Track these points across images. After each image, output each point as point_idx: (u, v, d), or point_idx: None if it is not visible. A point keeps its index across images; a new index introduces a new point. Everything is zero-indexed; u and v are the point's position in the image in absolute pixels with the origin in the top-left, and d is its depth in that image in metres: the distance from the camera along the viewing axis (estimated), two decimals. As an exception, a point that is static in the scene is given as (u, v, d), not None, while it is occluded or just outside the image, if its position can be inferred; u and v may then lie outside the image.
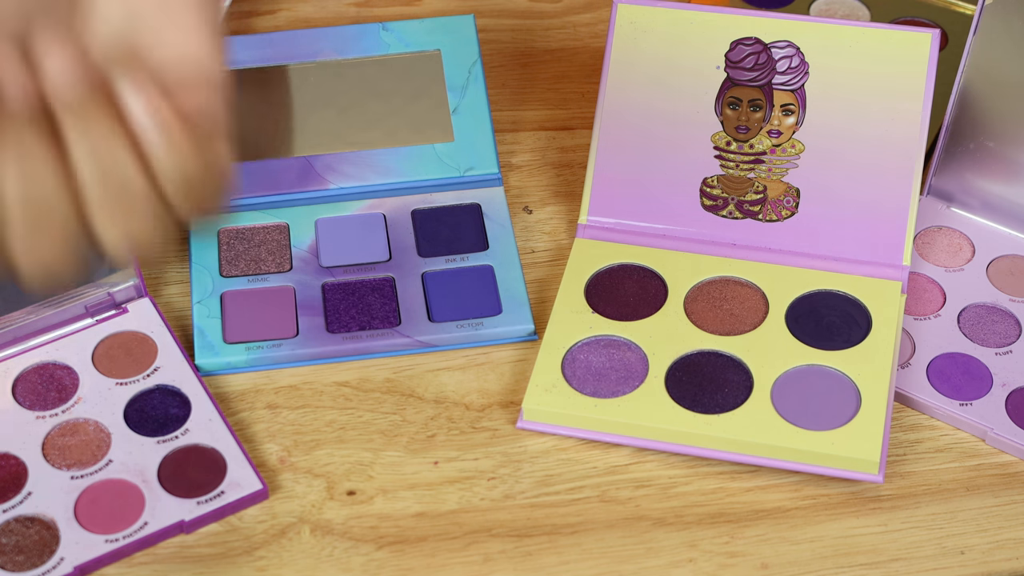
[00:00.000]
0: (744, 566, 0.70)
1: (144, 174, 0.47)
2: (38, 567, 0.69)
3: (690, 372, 0.76)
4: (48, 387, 0.76)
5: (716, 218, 0.82)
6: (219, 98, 0.50)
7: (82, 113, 0.46)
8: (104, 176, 0.47)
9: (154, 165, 0.47)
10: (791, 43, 0.81)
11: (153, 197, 0.48)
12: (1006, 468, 0.75)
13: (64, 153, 0.47)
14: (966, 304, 0.81)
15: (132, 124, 0.47)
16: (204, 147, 0.48)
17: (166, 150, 0.47)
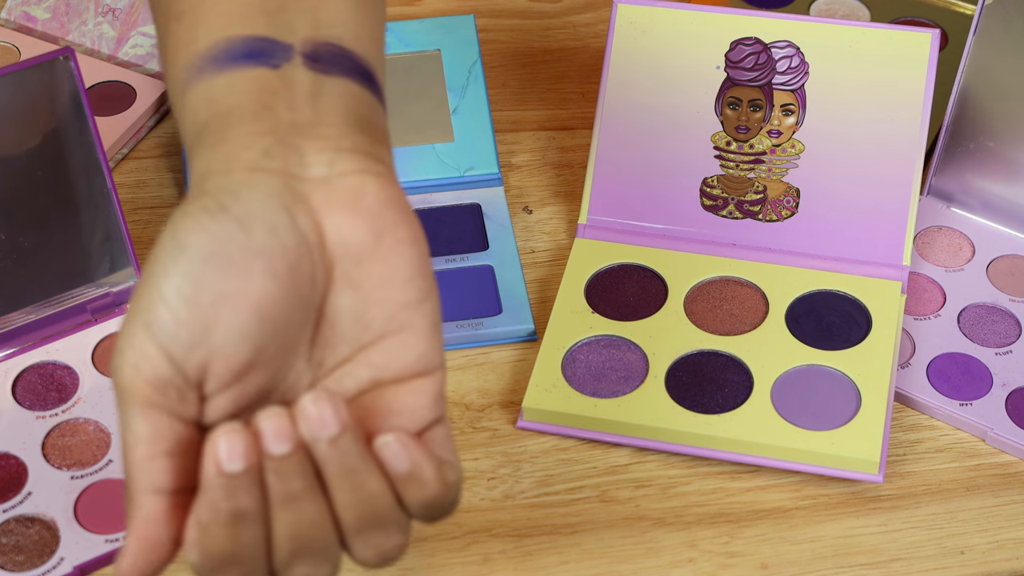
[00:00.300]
0: (744, 566, 0.70)
1: (396, 501, 0.51)
2: (38, 567, 0.69)
3: (690, 372, 0.76)
4: (48, 387, 0.76)
5: (716, 218, 0.82)
6: (444, 402, 0.54)
7: (344, 455, 0.50)
8: (360, 506, 0.51)
9: (403, 495, 0.51)
10: (791, 43, 0.81)
11: (400, 516, 0.52)
12: (1006, 468, 0.75)
13: (325, 486, 0.50)
14: (966, 304, 0.81)
15: (385, 464, 0.51)
16: (443, 470, 0.52)
17: (415, 484, 0.51)
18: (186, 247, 0.50)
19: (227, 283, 0.49)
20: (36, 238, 0.75)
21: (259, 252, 0.50)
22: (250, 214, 0.50)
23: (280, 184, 0.51)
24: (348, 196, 0.52)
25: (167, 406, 0.50)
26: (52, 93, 0.72)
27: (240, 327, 0.50)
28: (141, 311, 0.50)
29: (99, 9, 0.96)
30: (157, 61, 0.94)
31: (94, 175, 0.75)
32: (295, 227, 0.51)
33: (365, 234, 0.51)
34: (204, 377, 0.50)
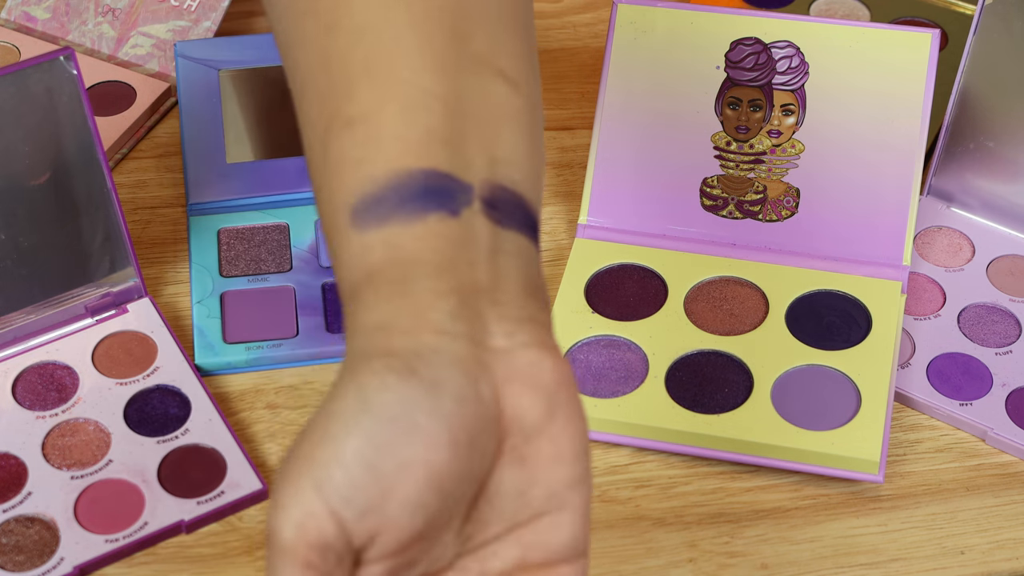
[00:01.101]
0: (744, 566, 0.70)
1: None
2: (38, 567, 0.69)
3: (690, 372, 0.76)
4: (48, 387, 0.76)
5: (716, 218, 0.82)
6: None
7: None
8: None
9: None
10: (791, 43, 0.81)
11: None
12: (1006, 468, 0.75)
13: None
14: (966, 304, 0.81)
15: None
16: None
17: None
18: (372, 406, 0.47)
19: (410, 450, 0.47)
20: (36, 238, 0.75)
21: (445, 420, 0.48)
22: (439, 380, 0.48)
23: (467, 351, 0.49)
24: (527, 371, 0.50)
25: (324, 570, 0.48)
26: (52, 93, 0.72)
27: (417, 497, 0.48)
28: (313, 468, 0.47)
29: (99, 9, 0.96)
30: (157, 61, 0.94)
31: (94, 175, 0.75)
32: (479, 398, 0.49)
33: (540, 410, 0.50)
34: (370, 545, 0.48)
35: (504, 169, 0.53)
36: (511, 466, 0.50)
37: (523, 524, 0.51)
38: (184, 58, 0.88)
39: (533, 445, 0.50)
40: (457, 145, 0.52)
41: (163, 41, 0.95)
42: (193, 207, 0.85)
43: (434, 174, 0.51)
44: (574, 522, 0.51)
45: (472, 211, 0.51)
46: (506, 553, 0.51)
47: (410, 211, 0.51)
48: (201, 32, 0.94)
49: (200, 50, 0.89)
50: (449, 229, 0.51)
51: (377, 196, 0.51)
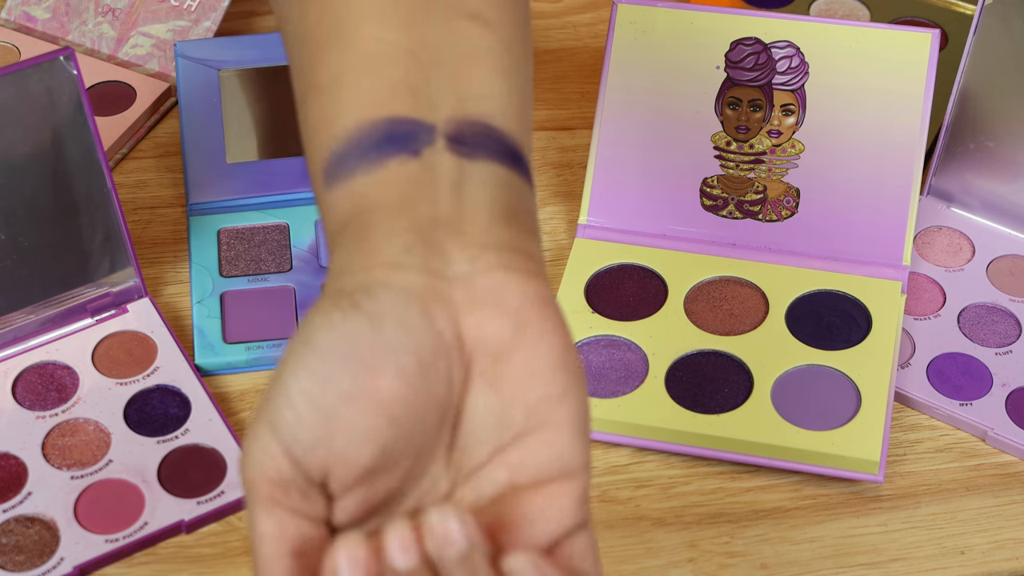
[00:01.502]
0: (744, 566, 0.70)
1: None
2: (38, 567, 0.69)
3: (690, 372, 0.76)
4: (48, 387, 0.76)
5: (716, 218, 0.82)
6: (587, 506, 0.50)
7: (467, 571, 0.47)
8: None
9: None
10: (791, 43, 0.81)
11: None
12: (1006, 468, 0.75)
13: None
14: (966, 304, 0.81)
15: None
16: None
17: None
18: (314, 346, 0.48)
19: (353, 383, 0.48)
20: (36, 238, 0.75)
21: (389, 352, 0.48)
22: (382, 312, 0.48)
23: (419, 282, 0.49)
24: (490, 294, 0.50)
25: (291, 505, 0.48)
26: (52, 93, 0.72)
27: (364, 428, 0.48)
28: (268, 410, 0.48)
29: (99, 9, 0.96)
30: (157, 61, 0.94)
31: (94, 175, 0.75)
32: (430, 326, 0.49)
33: (505, 330, 0.49)
34: (327, 477, 0.48)
35: (474, 105, 0.53)
36: (484, 390, 0.50)
37: (507, 446, 0.50)
38: (184, 58, 0.88)
39: (503, 365, 0.49)
40: (422, 90, 0.52)
41: (163, 41, 0.95)
42: (193, 207, 0.85)
43: (395, 120, 0.52)
44: (560, 438, 0.50)
45: (435, 149, 0.51)
46: (496, 476, 0.50)
47: (371, 160, 0.51)
48: (201, 32, 0.94)
49: (200, 50, 0.89)
50: (409, 170, 0.51)
51: (342, 153, 0.52)
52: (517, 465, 0.50)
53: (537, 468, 0.50)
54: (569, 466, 0.50)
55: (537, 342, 0.50)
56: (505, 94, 0.54)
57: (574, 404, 0.50)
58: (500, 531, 0.50)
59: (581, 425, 0.50)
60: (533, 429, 0.50)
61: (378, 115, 0.52)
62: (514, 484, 0.50)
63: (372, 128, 0.52)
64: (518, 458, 0.50)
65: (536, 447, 0.50)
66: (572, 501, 0.50)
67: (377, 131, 0.52)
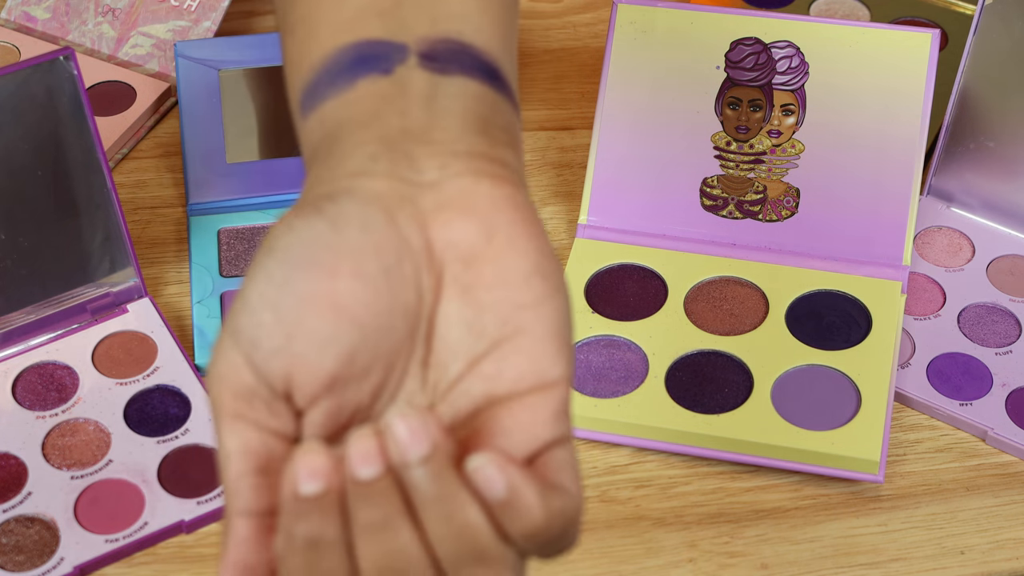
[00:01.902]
0: (744, 566, 0.70)
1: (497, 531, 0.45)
2: (38, 567, 0.69)
3: (690, 372, 0.76)
4: (48, 387, 0.76)
5: (716, 218, 0.82)
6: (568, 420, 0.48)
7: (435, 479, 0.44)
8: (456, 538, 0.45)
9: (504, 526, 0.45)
10: (791, 43, 0.81)
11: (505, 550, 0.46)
12: (1006, 468, 0.75)
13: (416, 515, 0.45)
14: (966, 304, 0.81)
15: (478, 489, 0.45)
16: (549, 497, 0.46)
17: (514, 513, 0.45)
18: (273, 250, 0.47)
19: (311, 285, 0.46)
20: (36, 238, 0.75)
21: (348, 252, 0.46)
22: (343, 215, 0.47)
23: (384, 187, 0.47)
24: (458, 197, 0.48)
25: (255, 419, 0.46)
26: (52, 93, 0.72)
27: (325, 331, 0.46)
28: (230, 319, 0.47)
29: (99, 9, 0.96)
30: (157, 61, 0.94)
31: (94, 175, 0.75)
32: (393, 227, 0.47)
33: (475, 233, 0.47)
34: (290, 387, 0.46)
35: (447, 24, 0.52)
36: (455, 297, 0.48)
37: (481, 356, 0.48)
38: (184, 58, 0.88)
39: (474, 271, 0.47)
40: (393, 13, 0.51)
41: (163, 41, 0.95)
42: (193, 207, 0.85)
43: (365, 43, 0.51)
44: (536, 346, 0.47)
45: (407, 67, 0.50)
46: (472, 390, 0.48)
47: (341, 84, 0.50)
48: (201, 32, 0.94)
49: (200, 50, 0.89)
50: (379, 87, 0.50)
51: (314, 81, 0.51)
52: (493, 375, 0.47)
53: (513, 378, 0.47)
54: (547, 376, 0.47)
55: (509, 246, 0.47)
56: (482, 12, 0.52)
57: (551, 311, 0.47)
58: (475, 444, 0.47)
59: (559, 334, 0.48)
60: (507, 338, 0.47)
61: (347, 40, 0.51)
62: (490, 396, 0.47)
63: (341, 53, 0.51)
64: (494, 368, 0.47)
65: (512, 356, 0.47)
66: (550, 413, 0.47)
67: (346, 55, 0.51)
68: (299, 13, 0.53)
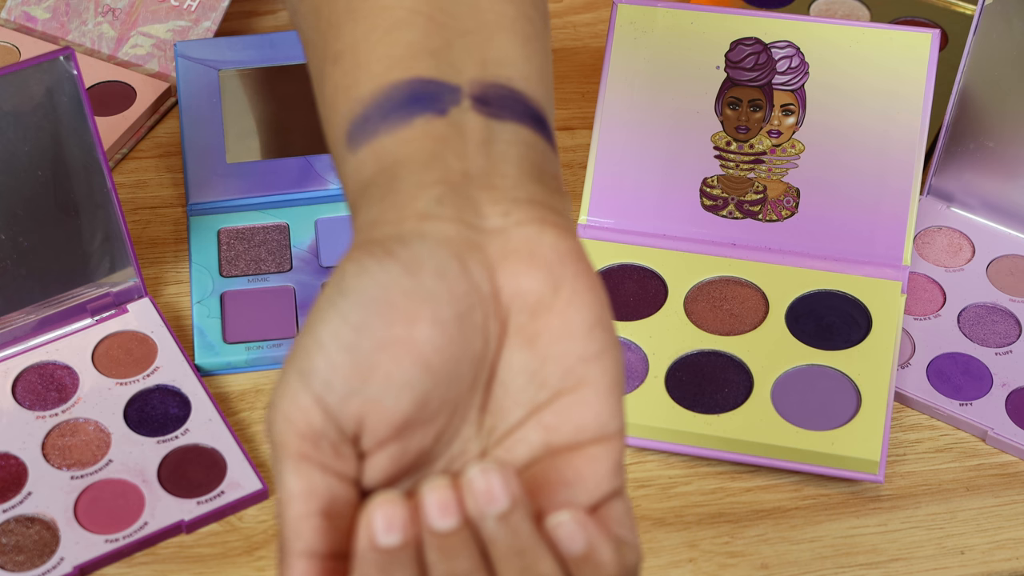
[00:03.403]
0: (744, 566, 0.70)
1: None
2: (38, 567, 0.69)
3: (690, 372, 0.76)
4: (48, 387, 0.76)
5: (716, 218, 0.82)
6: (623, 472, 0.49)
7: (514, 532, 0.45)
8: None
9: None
10: (791, 43, 0.81)
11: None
12: (1006, 468, 0.75)
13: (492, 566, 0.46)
14: (966, 304, 0.81)
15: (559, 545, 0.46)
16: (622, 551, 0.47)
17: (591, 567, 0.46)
18: (347, 292, 0.46)
19: (389, 329, 0.46)
20: (36, 238, 0.75)
21: (425, 298, 0.46)
22: (418, 259, 0.47)
23: (454, 232, 0.48)
24: (525, 246, 0.48)
25: (321, 460, 0.46)
26: (52, 93, 0.72)
27: (401, 377, 0.46)
28: (297, 359, 0.47)
29: (99, 9, 0.96)
30: (157, 61, 0.94)
31: (94, 175, 0.75)
32: (466, 274, 0.47)
33: (542, 285, 0.48)
34: (360, 430, 0.46)
35: (497, 68, 0.52)
36: (520, 346, 0.48)
37: (543, 406, 0.48)
38: (184, 58, 0.88)
39: (540, 321, 0.48)
40: (444, 53, 0.51)
41: (163, 41, 0.95)
42: (193, 207, 0.85)
43: (418, 81, 0.51)
44: (597, 398, 0.48)
45: (461, 109, 0.50)
46: (531, 438, 0.48)
47: (395, 120, 0.50)
48: (201, 32, 0.94)
49: (200, 50, 0.89)
50: (435, 128, 0.50)
51: (365, 115, 0.51)
52: (553, 426, 0.48)
53: (574, 430, 0.48)
54: (606, 428, 0.48)
55: (574, 298, 0.48)
56: (526, 60, 0.53)
57: (611, 364, 0.48)
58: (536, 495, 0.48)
59: (617, 386, 0.48)
60: (570, 389, 0.48)
61: (401, 77, 0.51)
62: (550, 446, 0.48)
63: (395, 89, 0.51)
64: (554, 419, 0.48)
65: (573, 408, 0.48)
66: (609, 465, 0.48)
67: (400, 92, 0.51)
68: (345, 42, 0.53)
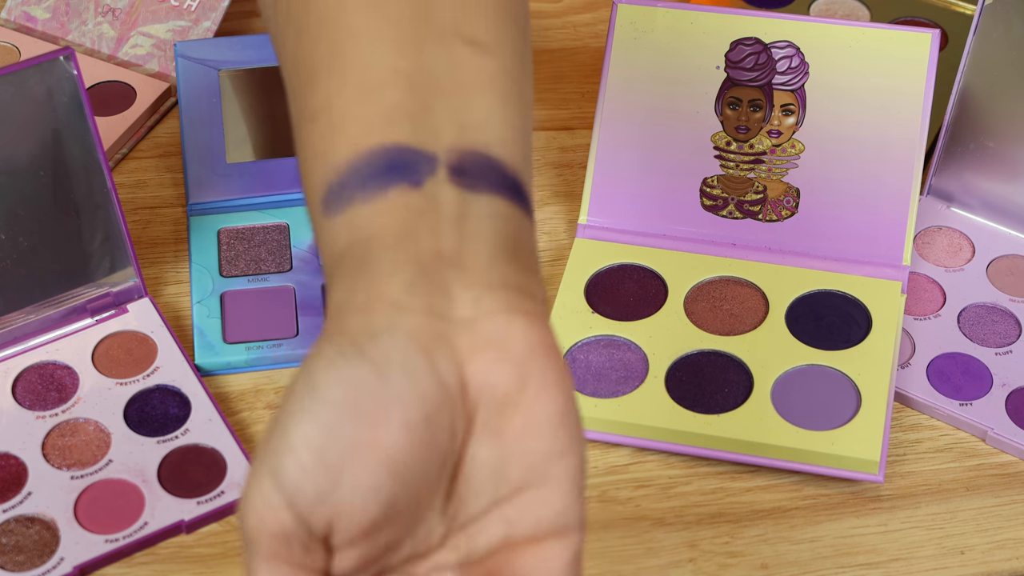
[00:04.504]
0: (744, 566, 0.70)
1: None
2: (38, 567, 0.69)
3: (690, 372, 0.76)
4: (48, 387, 0.76)
5: (716, 218, 0.82)
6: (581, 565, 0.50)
7: None
8: None
9: None
10: (791, 43, 0.81)
11: None
12: (1006, 468, 0.75)
13: None
14: (966, 304, 0.81)
15: None
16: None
17: None
18: (318, 393, 0.47)
19: (358, 434, 0.46)
20: (36, 238, 0.75)
21: (394, 402, 0.47)
22: (388, 359, 0.47)
23: (423, 325, 0.48)
24: (494, 339, 0.48)
25: (292, 559, 0.47)
26: (52, 93, 0.72)
27: (369, 481, 0.47)
28: (269, 457, 0.47)
29: (99, 9, 0.96)
30: (157, 61, 0.94)
31: (94, 175, 0.75)
32: (435, 374, 0.47)
33: (509, 380, 0.48)
34: (331, 531, 0.47)
35: (475, 134, 0.52)
36: (485, 440, 0.49)
37: (505, 499, 0.49)
38: (184, 58, 0.88)
39: (506, 417, 0.48)
40: (421, 117, 0.51)
41: (163, 41, 0.95)
42: (193, 207, 0.85)
43: (395, 149, 0.51)
44: (557, 496, 0.49)
45: (436, 180, 0.50)
46: (491, 530, 0.49)
47: (371, 189, 0.50)
48: (201, 32, 0.94)
49: (200, 50, 0.89)
50: (410, 200, 0.50)
51: (341, 182, 0.51)
52: (514, 520, 0.49)
53: (534, 524, 0.49)
54: (566, 524, 0.49)
55: (541, 394, 0.49)
56: (505, 122, 0.53)
57: (573, 461, 0.49)
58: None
59: (579, 483, 0.49)
60: (532, 485, 0.49)
61: (377, 142, 0.51)
62: (509, 539, 0.49)
63: (371, 156, 0.51)
64: (515, 513, 0.49)
65: (534, 503, 0.49)
66: (568, 558, 0.49)
67: (377, 159, 0.51)
68: (321, 99, 0.52)
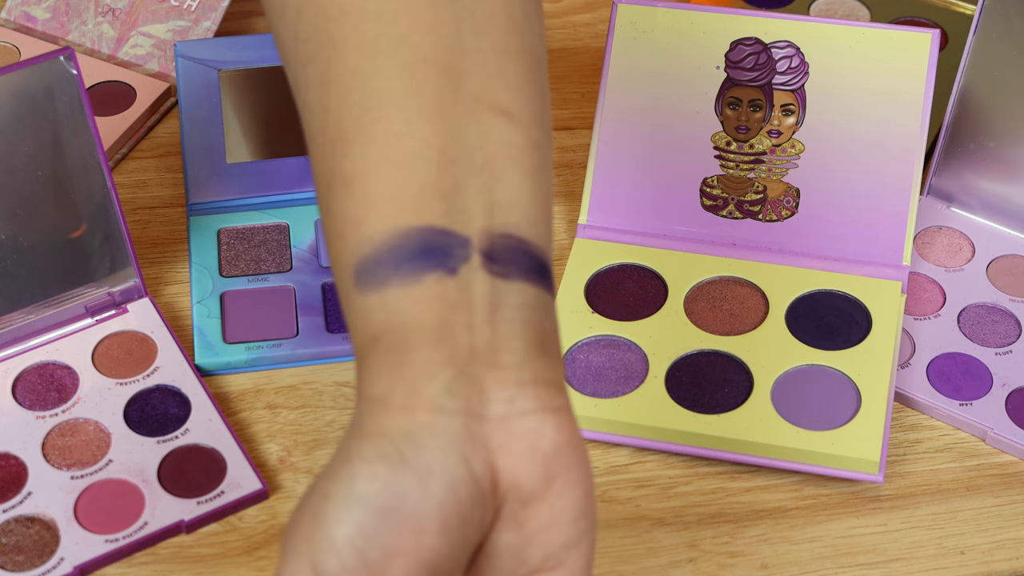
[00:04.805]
0: (744, 566, 0.70)
1: None
2: (38, 567, 0.69)
3: (690, 372, 0.76)
4: (48, 387, 0.76)
5: (716, 218, 0.82)
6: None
7: None
8: None
9: None
10: (791, 43, 0.81)
11: None
12: (1006, 468, 0.75)
13: None
14: (966, 304, 0.81)
15: None
16: None
17: None
18: (362, 497, 0.49)
19: (400, 541, 0.49)
20: (36, 238, 0.75)
21: (436, 508, 0.50)
22: (430, 469, 0.50)
23: (461, 429, 0.50)
24: (526, 440, 0.51)
25: None
26: (52, 93, 0.72)
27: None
28: (311, 549, 0.50)
29: (99, 9, 0.96)
30: (157, 61, 0.94)
31: (94, 175, 0.75)
32: (472, 477, 0.50)
33: (537, 479, 0.51)
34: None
35: (505, 215, 0.53)
36: (508, 529, 0.52)
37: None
38: (184, 58, 0.88)
39: (530, 510, 0.51)
40: (453, 196, 0.52)
41: (163, 41, 0.95)
42: (193, 207, 0.85)
43: (430, 231, 0.52)
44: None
45: (470, 267, 0.52)
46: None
47: (407, 273, 0.51)
48: (201, 32, 0.94)
49: (200, 50, 0.89)
50: (446, 290, 0.51)
51: (375, 258, 0.52)
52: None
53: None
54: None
55: (565, 490, 0.51)
56: (534, 199, 0.54)
57: (586, 549, 0.52)
58: None
59: (589, 567, 0.53)
60: (548, 569, 0.52)
61: (411, 223, 0.52)
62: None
63: (405, 237, 0.52)
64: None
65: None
66: None
67: (411, 241, 0.52)
68: (354, 166, 0.53)
